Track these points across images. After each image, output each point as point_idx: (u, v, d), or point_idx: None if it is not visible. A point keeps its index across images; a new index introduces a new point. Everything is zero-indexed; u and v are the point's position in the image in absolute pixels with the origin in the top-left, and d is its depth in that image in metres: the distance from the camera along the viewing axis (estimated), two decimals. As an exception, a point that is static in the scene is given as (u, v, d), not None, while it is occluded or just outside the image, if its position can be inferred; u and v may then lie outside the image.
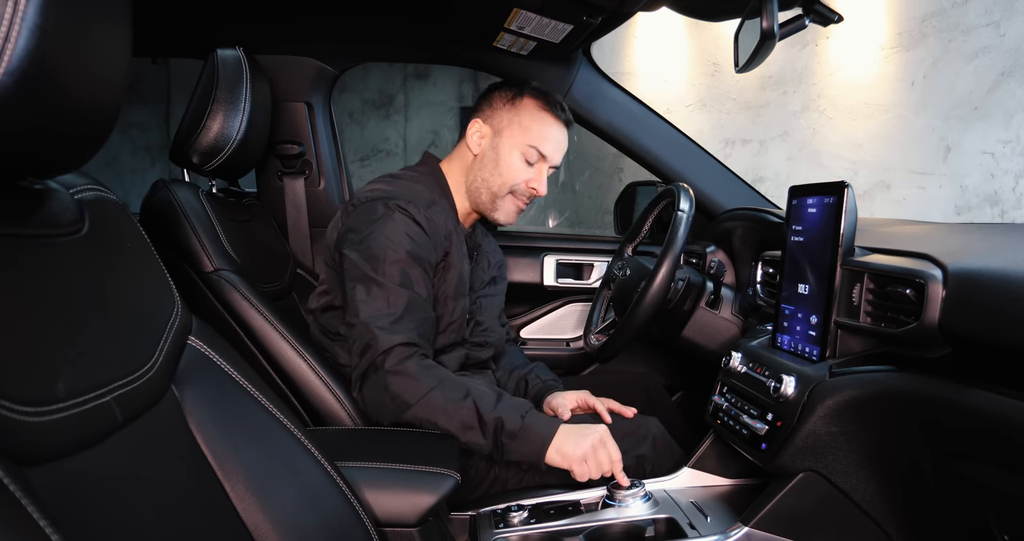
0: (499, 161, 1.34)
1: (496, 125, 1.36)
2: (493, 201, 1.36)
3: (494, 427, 1.12)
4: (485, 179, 1.36)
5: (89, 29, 0.50)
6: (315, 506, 0.75)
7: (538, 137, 1.34)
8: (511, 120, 1.35)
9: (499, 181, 1.35)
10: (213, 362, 0.73)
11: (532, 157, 1.34)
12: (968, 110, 2.26)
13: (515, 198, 1.36)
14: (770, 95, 3.06)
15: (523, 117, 1.35)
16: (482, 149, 1.36)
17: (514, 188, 1.35)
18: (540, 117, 1.35)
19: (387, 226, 1.21)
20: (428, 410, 1.12)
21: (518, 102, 1.35)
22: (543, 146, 1.34)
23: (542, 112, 1.35)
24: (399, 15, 1.57)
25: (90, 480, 0.51)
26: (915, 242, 0.97)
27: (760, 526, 0.97)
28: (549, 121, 1.35)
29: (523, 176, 1.35)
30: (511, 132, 1.34)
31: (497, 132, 1.35)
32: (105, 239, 0.63)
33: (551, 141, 1.35)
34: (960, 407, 0.75)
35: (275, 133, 1.66)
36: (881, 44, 2.55)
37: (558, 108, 1.36)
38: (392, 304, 1.17)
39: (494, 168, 1.35)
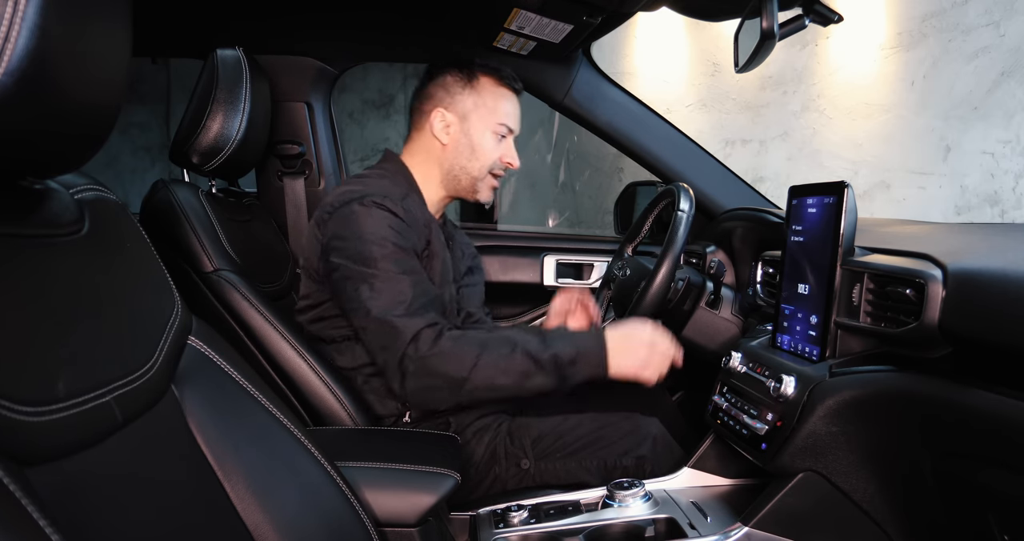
0: (474, 146, 1.36)
1: (460, 111, 1.36)
2: (474, 184, 1.38)
3: (553, 365, 1.15)
4: (463, 166, 1.37)
5: (89, 29, 0.50)
6: (315, 506, 0.75)
7: (504, 113, 1.37)
8: (475, 103, 1.36)
9: (478, 165, 1.36)
10: (213, 362, 0.73)
11: (502, 133, 1.37)
12: (968, 110, 2.26)
13: (493, 177, 1.40)
14: (770, 95, 3.06)
15: (486, 98, 1.36)
16: (452, 137, 1.36)
17: (492, 168, 1.38)
18: (500, 93, 1.37)
19: (368, 223, 1.20)
20: (484, 376, 1.13)
21: (475, 83, 1.36)
22: (511, 121, 1.37)
23: (501, 88, 1.37)
24: (399, 15, 1.57)
25: (90, 480, 0.51)
26: (915, 242, 0.97)
27: (760, 526, 0.97)
28: (509, 95, 1.38)
29: (497, 153, 1.37)
30: (479, 115, 1.35)
31: (463, 118, 1.36)
32: (105, 239, 0.63)
33: (515, 114, 1.39)
34: (960, 407, 0.75)
35: (275, 133, 1.66)
36: (881, 44, 2.55)
37: (511, 79, 1.38)
38: (400, 293, 1.16)
39: (471, 153, 1.36)
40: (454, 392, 1.14)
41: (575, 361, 1.16)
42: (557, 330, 1.23)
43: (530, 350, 1.15)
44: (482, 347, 1.14)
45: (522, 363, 1.14)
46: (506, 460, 1.25)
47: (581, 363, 1.17)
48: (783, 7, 1.17)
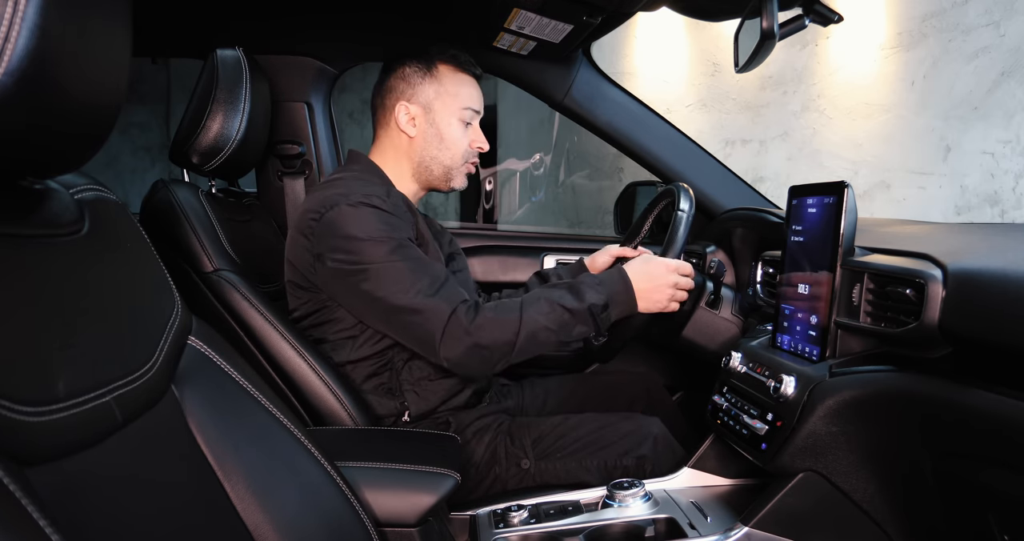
0: (443, 135, 1.35)
1: (423, 101, 1.35)
2: (447, 173, 1.38)
3: (588, 314, 1.19)
4: (434, 156, 1.36)
5: (89, 29, 0.50)
6: (315, 506, 0.75)
7: (467, 98, 1.36)
8: (437, 91, 1.34)
9: (450, 154, 1.36)
10: (213, 362, 0.73)
11: (468, 118, 1.36)
12: (968, 110, 2.26)
13: (467, 164, 1.40)
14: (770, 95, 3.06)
15: (447, 85, 1.35)
16: (419, 129, 1.35)
17: (465, 155, 1.38)
18: (460, 79, 1.36)
19: (362, 223, 1.18)
20: (530, 337, 1.16)
21: (435, 72, 1.35)
22: (475, 104, 1.37)
23: (460, 74, 1.36)
24: (399, 15, 1.57)
25: (90, 480, 0.51)
26: (915, 242, 0.97)
27: (760, 526, 0.97)
28: (469, 80, 1.37)
29: (467, 140, 1.37)
30: (443, 103, 1.34)
31: (427, 108, 1.35)
32: (105, 239, 0.63)
33: (478, 97, 1.38)
34: (960, 407, 0.75)
35: (275, 133, 1.66)
36: (881, 44, 2.55)
37: (469, 64, 1.37)
38: (417, 279, 1.16)
39: (440, 143, 1.35)
40: (504, 356, 1.17)
41: (607, 306, 1.21)
42: (585, 279, 1.25)
43: (566, 305, 1.18)
44: (522, 311, 1.17)
45: (561, 318, 1.18)
46: (506, 460, 1.25)
47: (613, 307, 1.22)
48: (783, 7, 1.17)
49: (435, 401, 1.29)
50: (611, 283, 1.23)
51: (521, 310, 1.17)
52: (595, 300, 1.20)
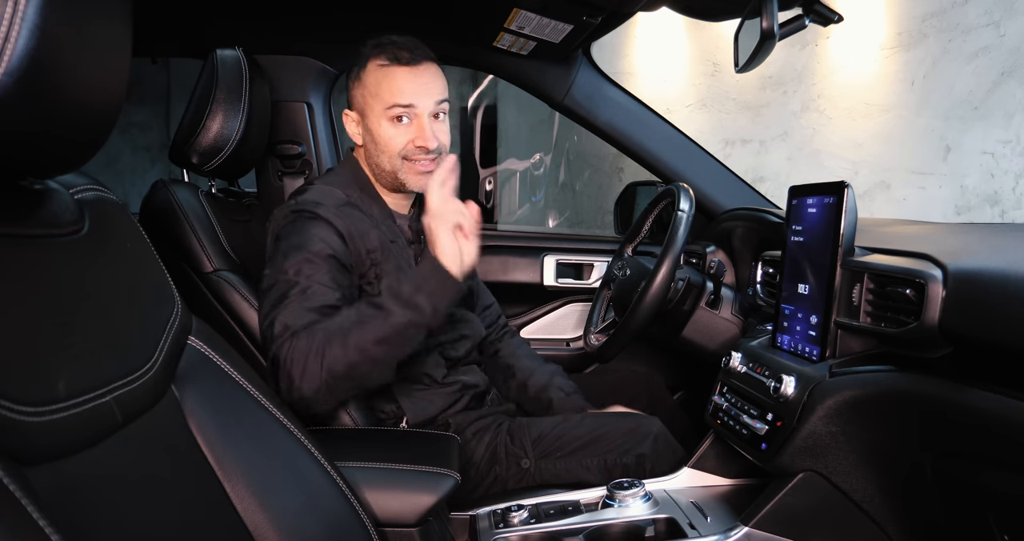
0: (376, 139, 1.27)
1: (359, 107, 1.29)
2: (395, 177, 1.28)
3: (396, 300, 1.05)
4: (377, 162, 1.29)
5: (89, 29, 0.49)
6: (315, 506, 0.75)
7: (392, 94, 1.24)
8: (363, 94, 1.27)
9: (386, 157, 1.27)
10: (213, 362, 0.73)
11: (400, 115, 1.24)
12: (968, 110, 2.26)
13: (412, 163, 1.27)
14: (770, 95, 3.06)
15: (370, 85, 1.26)
16: (362, 136, 1.31)
17: (404, 154, 1.26)
18: (384, 74, 1.24)
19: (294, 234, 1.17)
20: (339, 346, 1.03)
21: (362, 73, 1.27)
22: (400, 98, 1.23)
23: (384, 68, 1.25)
24: (399, 15, 1.57)
25: (90, 480, 0.51)
26: (915, 242, 0.97)
27: (760, 526, 0.97)
28: (394, 71, 1.24)
29: (403, 139, 1.25)
30: (369, 105, 1.26)
31: (362, 114, 1.29)
32: (105, 239, 0.63)
33: (406, 89, 1.24)
34: (960, 407, 0.75)
35: (275, 133, 1.66)
36: (881, 44, 2.55)
37: (400, 52, 1.24)
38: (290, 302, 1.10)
39: (375, 148, 1.28)
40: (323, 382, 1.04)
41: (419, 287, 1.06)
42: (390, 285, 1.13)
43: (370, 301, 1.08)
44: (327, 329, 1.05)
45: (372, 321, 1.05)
46: (506, 459, 1.25)
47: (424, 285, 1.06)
48: (783, 7, 1.17)
49: (433, 410, 1.28)
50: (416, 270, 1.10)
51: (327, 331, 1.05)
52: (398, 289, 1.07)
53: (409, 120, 1.25)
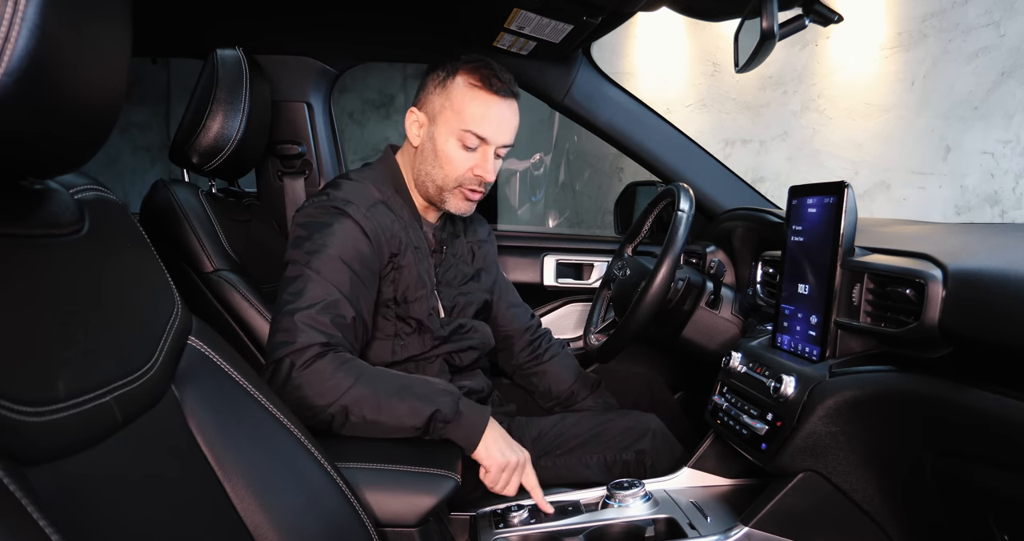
0: (437, 152, 1.23)
1: (431, 112, 1.24)
2: (440, 194, 1.26)
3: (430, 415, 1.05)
4: (428, 172, 1.25)
5: (89, 29, 0.49)
6: (315, 506, 0.74)
7: (473, 119, 1.21)
8: (443, 105, 1.22)
9: (441, 174, 1.24)
10: (213, 362, 0.73)
11: (471, 142, 1.22)
12: (968, 110, 2.26)
13: (463, 189, 1.25)
14: (770, 95, 3.06)
15: (455, 99, 1.21)
16: (421, 140, 1.26)
17: (460, 180, 1.24)
18: (473, 96, 1.21)
19: (324, 229, 1.16)
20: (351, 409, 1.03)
21: (449, 83, 1.22)
22: (480, 128, 1.21)
23: (475, 89, 1.21)
24: (400, 15, 1.57)
25: (90, 480, 0.51)
26: (915, 242, 0.97)
27: (760, 526, 0.97)
28: (484, 98, 1.21)
29: (466, 165, 1.23)
30: (445, 118, 1.22)
31: (432, 120, 1.24)
32: (105, 239, 0.63)
33: (489, 121, 1.21)
34: (960, 407, 0.75)
35: (275, 133, 1.67)
36: (881, 44, 2.55)
37: (495, 80, 1.21)
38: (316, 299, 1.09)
39: (434, 160, 1.24)
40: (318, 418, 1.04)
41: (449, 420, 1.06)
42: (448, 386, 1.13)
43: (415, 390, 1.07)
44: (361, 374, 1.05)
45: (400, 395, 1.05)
46: (507, 459, 1.25)
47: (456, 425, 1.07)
48: (783, 7, 1.17)
49: None
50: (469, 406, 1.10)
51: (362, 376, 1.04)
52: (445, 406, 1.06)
53: (475, 149, 1.23)
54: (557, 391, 1.48)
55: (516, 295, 1.56)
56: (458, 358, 1.32)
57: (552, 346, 1.54)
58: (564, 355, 1.54)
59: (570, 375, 1.50)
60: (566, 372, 1.50)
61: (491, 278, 1.46)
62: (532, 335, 1.53)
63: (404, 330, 1.25)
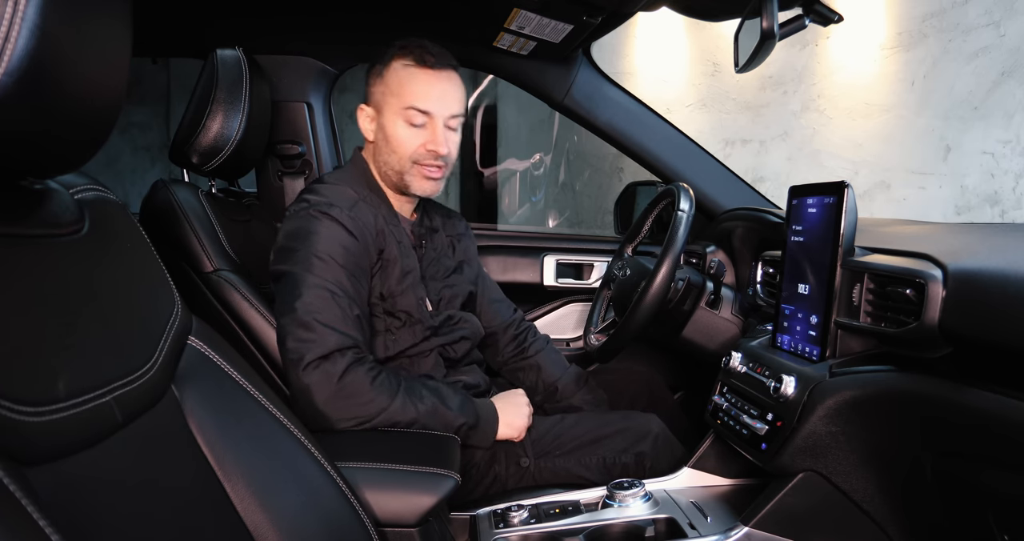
0: (388, 138, 1.27)
1: (376, 103, 1.29)
2: (402, 179, 1.29)
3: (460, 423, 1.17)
4: (386, 161, 1.29)
5: (89, 29, 0.49)
6: (315, 506, 0.74)
7: (412, 96, 1.24)
8: (384, 92, 1.27)
9: (396, 158, 1.27)
10: (213, 362, 0.73)
11: (417, 119, 1.25)
12: (968, 110, 2.26)
13: (421, 167, 1.27)
14: (770, 95, 3.06)
15: (392, 83, 1.25)
16: (374, 133, 1.30)
17: (415, 158, 1.26)
18: (409, 74, 1.25)
19: (313, 234, 1.18)
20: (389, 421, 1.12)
21: (385, 71, 1.27)
22: (421, 102, 1.24)
23: (409, 68, 1.25)
24: (400, 15, 1.57)
25: (90, 480, 0.51)
26: (915, 242, 0.97)
27: (760, 526, 0.97)
28: (418, 74, 1.24)
29: (416, 142, 1.25)
30: (388, 104, 1.26)
31: (378, 110, 1.28)
32: (105, 239, 0.63)
33: (428, 95, 1.24)
34: (960, 407, 0.75)
35: (275, 133, 1.66)
36: (881, 44, 2.55)
37: (426, 55, 1.24)
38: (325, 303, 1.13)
39: (387, 146, 1.28)
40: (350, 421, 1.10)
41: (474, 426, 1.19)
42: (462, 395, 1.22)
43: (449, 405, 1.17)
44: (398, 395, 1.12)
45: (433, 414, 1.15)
46: (506, 459, 1.25)
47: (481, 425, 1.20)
48: (783, 7, 1.17)
49: None
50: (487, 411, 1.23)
51: (399, 393, 1.12)
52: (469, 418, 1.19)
53: (423, 125, 1.26)
54: (546, 385, 1.49)
55: (498, 290, 1.57)
56: (452, 350, 1.34)
57: (537, 341, 1.54)
58: (550, 349, 1.55)
59: (558, 369, 1.51)
60: (554, 367, 1.51)
61: (474, 271, 1.49)
62: (516, 330, 1.54)
63: (394, 324, 1.27)
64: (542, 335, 1.58)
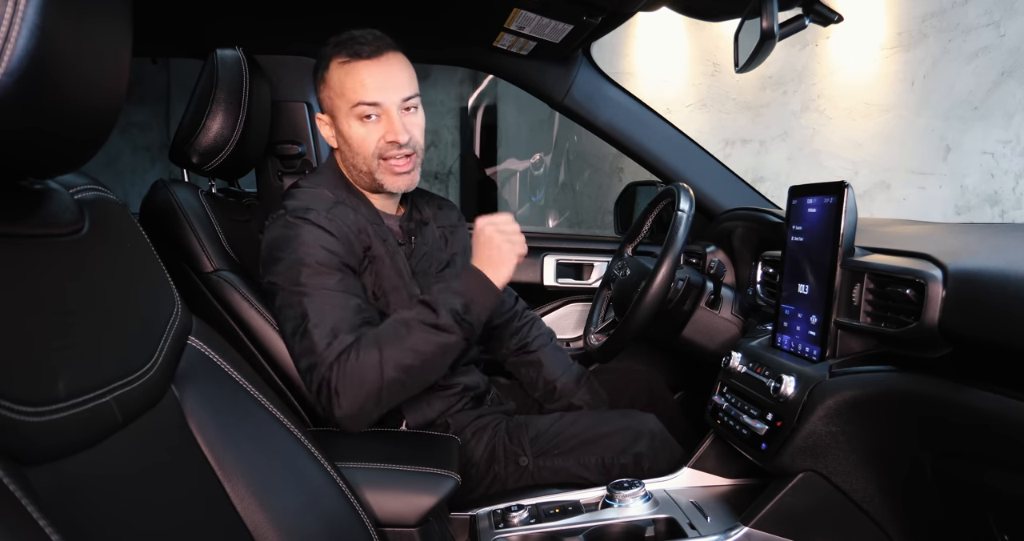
0: (347, 140, 1.24)
1: (328, 109, 1.26)
2: (372, 179, 1.26)
3: (453, 320, 1.11)
4: (353, 164, 1.26)
5: (89, 29, 0.49)
6: (315, 506, 0.75)
7: (356, 91, 1.20)
8: (330, 95, 1.24)
9: (360, 158, 1.24)
10: (213, 362, 0.73)
11: (367, 113, 1.21)
12: (968, 110, 2.26)
13: (387, 162, 1.24)
14: (770, 95, 3.06)
15: (334, 85, 1.22)
16: (336, 139, 1.28)
17: (378, 153, 1.23)
18: (346, 71, 1.21)
19: (294, 241, 1.17)
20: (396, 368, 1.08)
21: (325, 74, 1.24)
22: (366, 95, 1.20)
23: (345, 65, 1.21)
24: (399, 15, 1.57)
25: (90, 480, 0.51)
26: (915, 242, 0.97)
27: (760, 526, 0.97)
28: (355, 67, 1.20)
29: (374, 136, 1.22)
30: (337, 106, 1.23)
31: (332, 115, 1.26)
32: (105, 239, 0.63)
33: (370, 85, 1.20)
34: (960, 407, 0.75)
35: (275, 133, 1.66)
36: (881, 44, 2.55)
37: (358, 47, 1.21)
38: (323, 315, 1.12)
39: (349, 149, 1.25)
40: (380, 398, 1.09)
41: (468, 305, 1.12)
42: (434, 288, 1.17)
43: (425, 320, 1.10)
44: (379, 343, 1.09)
45: (424, 336, 1.10)
46: (505, 458, 1.25)
47: (474, 303, 1.13)
48: (783, 7, 1.17)
49: (433, 413, 1.28)
50: (461, 279, 1.15)
51: (379, 343, 1.09)
52: (453, 304, 1.11)
53: (378, 117, 1.22)
54: (546, 382, 1.48)
55: None
56: None
57: (540, 335, 1.53)
58: (552, 346, 1.54)
59: (559, 367, 1.49)
60: (555, 364, 1.50)
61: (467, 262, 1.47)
62: (519, 322, 1.53)
63: None
64: (546, 329, 1.56)
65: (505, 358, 1.53)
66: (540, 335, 1.53)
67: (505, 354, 1.53)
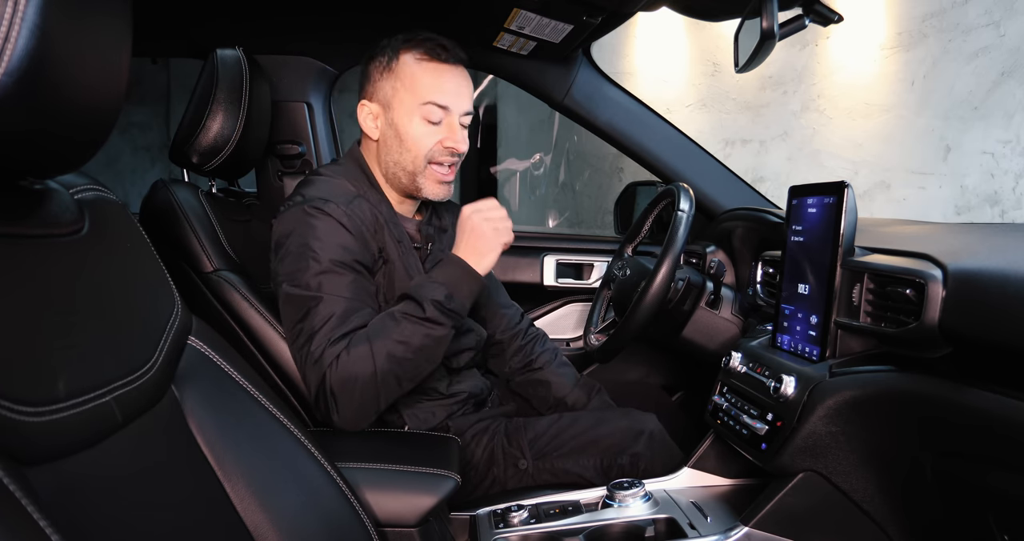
0: (402, 136, 1.21)
1: (383, 99, 1.22)
2: (414, 181, 1.24)
3: (438, 311, 1.10)
4: (396, 161, 1.23)
5: (90, 29, 0.49)
6: (315, 506, 0.75)
7: (430, 90, 1.19)
8: (394, 87, 1.20)
9: (410, 157, 1.22)
10: (213, 362, 0.73)
11: (435, 115, 1.20)
12: (968, 110, 2.26)
13: (436, 166, 1.23)
14: (770, 95, 3.06)
15: (405, 78, 1.19)
16: (380, 131, 1.24)
17: (430, 157, 1.22)
18: (424, 68, 1.19)
19: (308, 233, 1.14)
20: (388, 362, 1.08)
21: (395, 65, 1.21)
22: (440, 97, 1.19)
23: (423, 63, 1.19)
24: (399, 15, 1.57)
25: (90, 480, 0.51)
26: (915, 242, 0.97)
27: (760, 526, 0.97)
28: (435, 68, 1.19)
29: (433, 139, 1.21)
30: (400, 100, 1.20)
31: (387, 107, 1.22)
32: (105, 239, 0.63)
33: (447, 89, 1.20)
34: (960, 407, 0.75)
35: (275, 133, 1.66)
36: (881, 44, 2.55)
37: (440, 50, 1.20)
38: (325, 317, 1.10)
39: (399, 146, 1.22)
40: (375, 394, 1.09)
41: (451, 295, 1.11)
42: (416, 280, 1.16)
43: (412, 313, 1.09)
44: (368, 338, 1.08)
45: (413, 328, 1.09)
46: (504, 461, 1.25)
47: (457, 292, 1.12)
48: (783, 7, 1.17)
49: (435, 421, 1.27)
50: (444, 270, 1.14)
51: (369, 339, 1.08)
52: (436, 295, 1.10)
53: (441, 121, 1.21)
54: (557, 399, 1.44)
55: (506, 295, 1.54)
56: (455, 361, 1.31)
57: (545, 352, 1.49)
58: (559, 363, 1.49)
59: (569, 383, 1.45)
60: (564, 380, 1.45)
61: None
62: (523, 340, 1.49)
63: None
64: (550, 346, 1.52)
65: (511, 376, 1.49)
66: (545, 352, 1.49)
67: (508, 372, 1.49)
